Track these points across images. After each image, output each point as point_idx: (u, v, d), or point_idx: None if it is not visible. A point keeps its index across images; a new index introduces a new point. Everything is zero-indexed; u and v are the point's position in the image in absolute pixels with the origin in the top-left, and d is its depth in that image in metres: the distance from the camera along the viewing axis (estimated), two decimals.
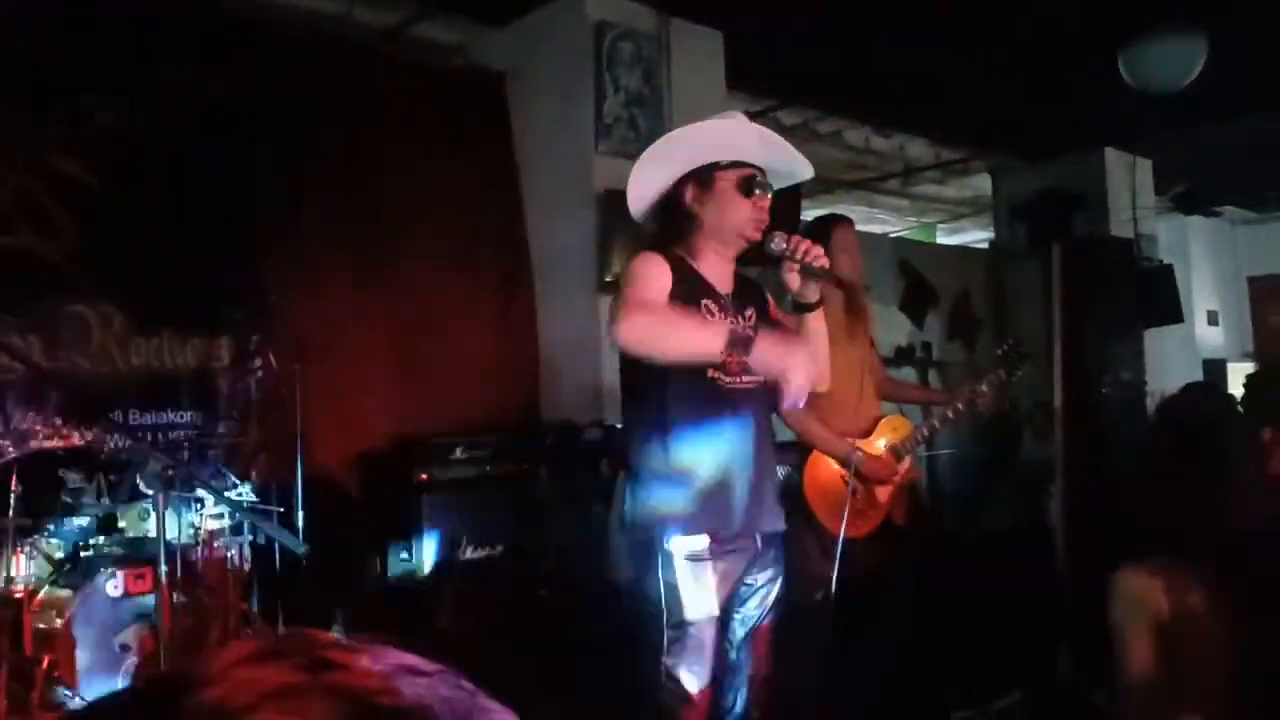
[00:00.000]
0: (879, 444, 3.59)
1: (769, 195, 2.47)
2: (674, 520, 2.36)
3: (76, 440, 3.83)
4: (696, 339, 2.27)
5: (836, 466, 3.48)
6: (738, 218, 2.45)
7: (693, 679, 2.35)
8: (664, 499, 2.37)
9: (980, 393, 3.62)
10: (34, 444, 3.49)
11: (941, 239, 11.22)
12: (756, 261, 2.55)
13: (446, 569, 4.52)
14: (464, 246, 5.80)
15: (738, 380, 2.42)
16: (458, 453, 4.84)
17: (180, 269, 4.83)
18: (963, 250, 10.19)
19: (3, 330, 4.30)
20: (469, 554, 4.61)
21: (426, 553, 4.56)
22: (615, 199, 5.94)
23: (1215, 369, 9.58)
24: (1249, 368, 9.63)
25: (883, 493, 3.53)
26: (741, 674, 2.51)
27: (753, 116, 7.89)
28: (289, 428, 4.73)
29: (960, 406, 3.64)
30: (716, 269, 2.50)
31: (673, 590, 2.34)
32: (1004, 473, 5.13)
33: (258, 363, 4.83)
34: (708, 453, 2.36)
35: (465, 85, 6.03)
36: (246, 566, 4.13)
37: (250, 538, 4.14)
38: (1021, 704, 3.38)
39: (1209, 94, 6.46)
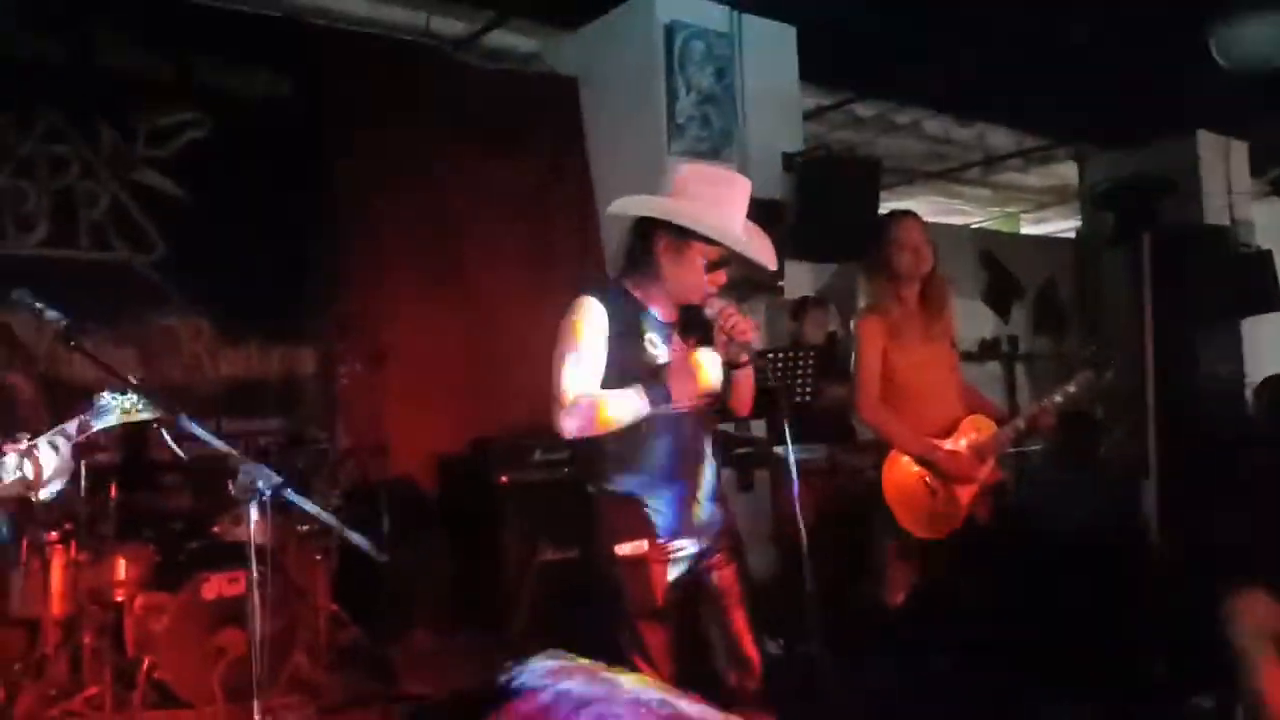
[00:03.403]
0: (961, 443, 3.52)
1: (725, 272, 2.57)
2: (620, 526, 2.49)
3: (150, 415, 3.94)
4: (624, 410, 2.45)
5: (916, 467, 3.42)
6: (692, 284, 2.54)
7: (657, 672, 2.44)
8: (611, 507, 2.51)
9: (1068, 393, 3.52)
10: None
11: (1026, 229, 10.94)
12: None
13: (525, 570, 4.56)
14: (538, 252, 5.85)
15: (680, 404, 2.52)
16: (536, 455, 4.88)
17: (265, 279, 4.97)
18: (1047, 240, 9.94)
19: (99, 342, 4.48)
20: (548, 555, 4.64)
21: (506, 554, 4.61)
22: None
23: None
24: None
25: (964, 493, 3.45)
26: (725, 659, 2.59)
27: (828, 109, 7.74)
28: (373, 433, 4.84)
29: (1047, 407, 3.54)
30: (661, 304, 2.60)
31: (620, 591, 2.48)
32: (1086, 470, 4.97)
33: (342, 369, 4.94)
34: (650, 467, 2.52)
35: (538, 90, 6.08)
36: (334, 569, 4.22)
37: (337, 542, 4.23)
38: (1113, 708, 3.28)
39: None
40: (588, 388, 2.48)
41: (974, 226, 10.25)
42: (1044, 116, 7.90)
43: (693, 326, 2.61)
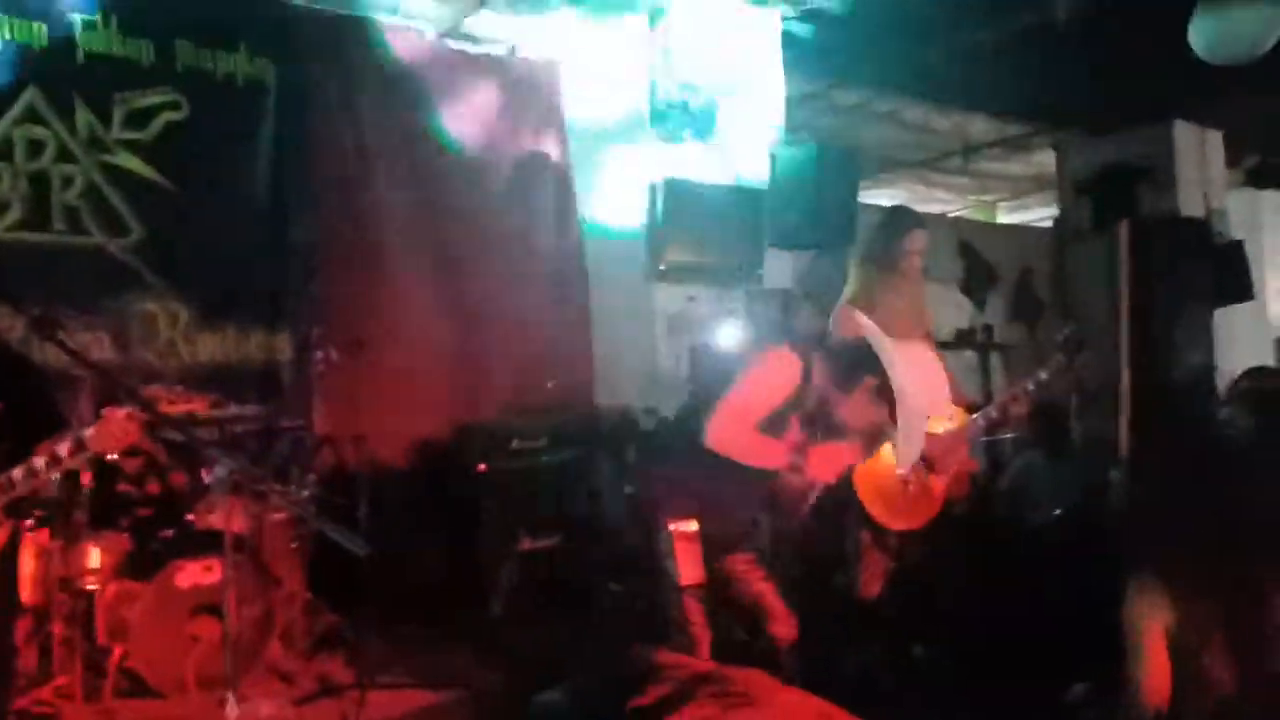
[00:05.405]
0: (937, 430, 3.53)
1: None
2: None
3: (198, 407, 3.99)
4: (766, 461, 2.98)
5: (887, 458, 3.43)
6: None
7: None
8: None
9: (1041, 381, 3.55)
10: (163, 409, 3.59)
11: (1003, 217, 10.97)
12: None
13: (505, 559, 4.56)
14: (519, 237, 5.82)
15: None
16: (515, 442, 4.87)
17: (242, 263, 4.93)
18: (1025, 229, 9.97)
19: (74, 328, 4.43)
20: (526, 544, 4.64)
21: (485, 543, 4.61)
22: (668, 186, 5.95)
23: None
24: None
25: (938, 483, 3.48)
26: None
27: (808, 98, 7.74)
28: (351, 420, 4.82)
29: (1020, 395, 3.58)
30: None
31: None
32: (1059, 458, 5.01)
33: (319, 355, 4.90)
34: None
35: (519, 74, 6.04)
36: (310, 556, 4.19)
37: (313, 528, 4.20)
38: (1087, 696, 3.32)
39: None
40: None
41: (951, 215, 10.27)
42: (1023, 104, 7.91)
43: None
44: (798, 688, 2.31)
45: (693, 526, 3.03)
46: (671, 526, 3.02)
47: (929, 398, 3.50)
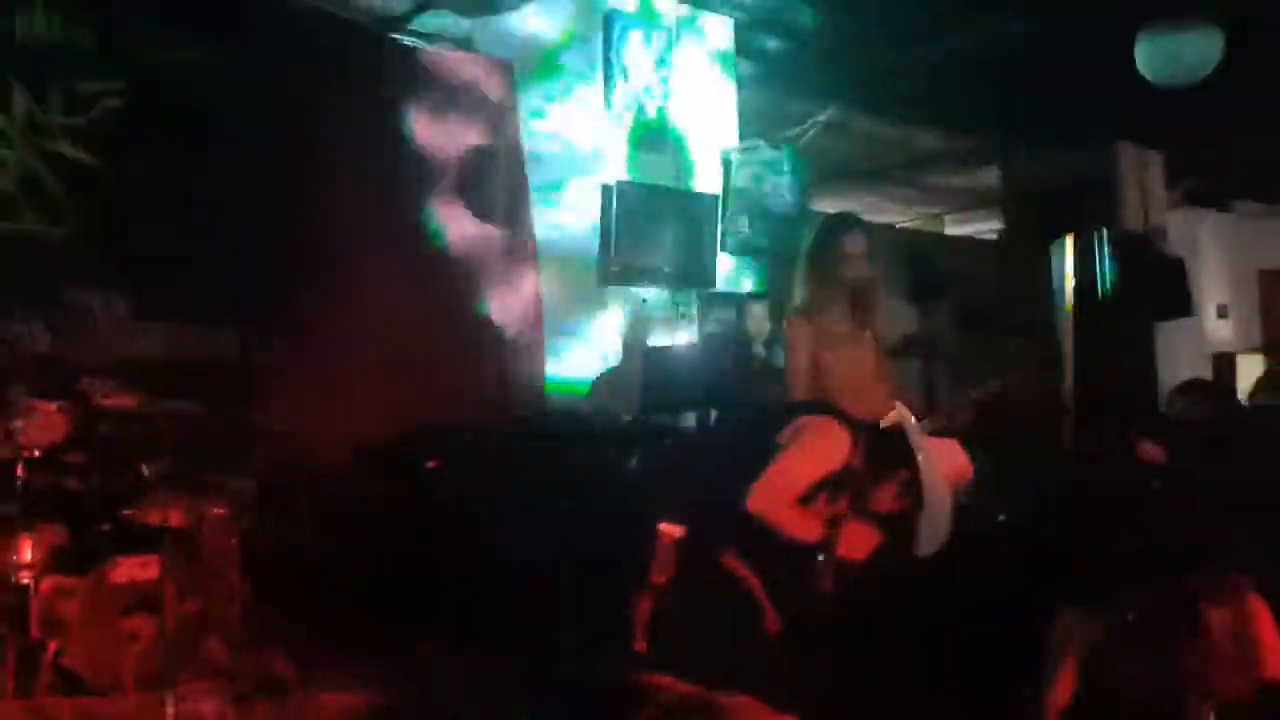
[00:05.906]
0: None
1: None
2: None
3: (133, 402, 3.88)
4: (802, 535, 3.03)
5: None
6: None
7: None
8: None
9: (986, 392, 3.62)
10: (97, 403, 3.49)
11: (950, 229, 11.17)
12: None
13: (456, 558, 4.51)
14: (471, 235, 5.78)
15: None
16: (465, 439, 4.83)
17: (184, 255, 4.81)
18: (971, 241, 10.14)
19: (5, 317, 4.30)
20: (483, 543, 4.58)
21: (434, 540, 4.55)
22: (622, 189, 5.96)
23: (1224, 362, 9.56)
24: (1257, 360, 9.61)
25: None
26: None
27: (762, 108, 7.82)
28: (292, 415, 4.73)
29: (966, 406, 3.64)
30: None
31: None
32: (1002, 467, 5.07)
33: (261, 349, 4.81)
34: None
35: (473, 72, 6.00)
36: (250, 553, 4.10)
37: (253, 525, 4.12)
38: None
39: (1223, 86, 6.41)
40: None
41: (899, 225, 10.42)
42: (970, 119, 8.06)
43: None
44: (786, 710, 2.28)
45: (676, 530, 3.05)
46: (660, 526, 3.05)
47: (956, 495, 3.54)
